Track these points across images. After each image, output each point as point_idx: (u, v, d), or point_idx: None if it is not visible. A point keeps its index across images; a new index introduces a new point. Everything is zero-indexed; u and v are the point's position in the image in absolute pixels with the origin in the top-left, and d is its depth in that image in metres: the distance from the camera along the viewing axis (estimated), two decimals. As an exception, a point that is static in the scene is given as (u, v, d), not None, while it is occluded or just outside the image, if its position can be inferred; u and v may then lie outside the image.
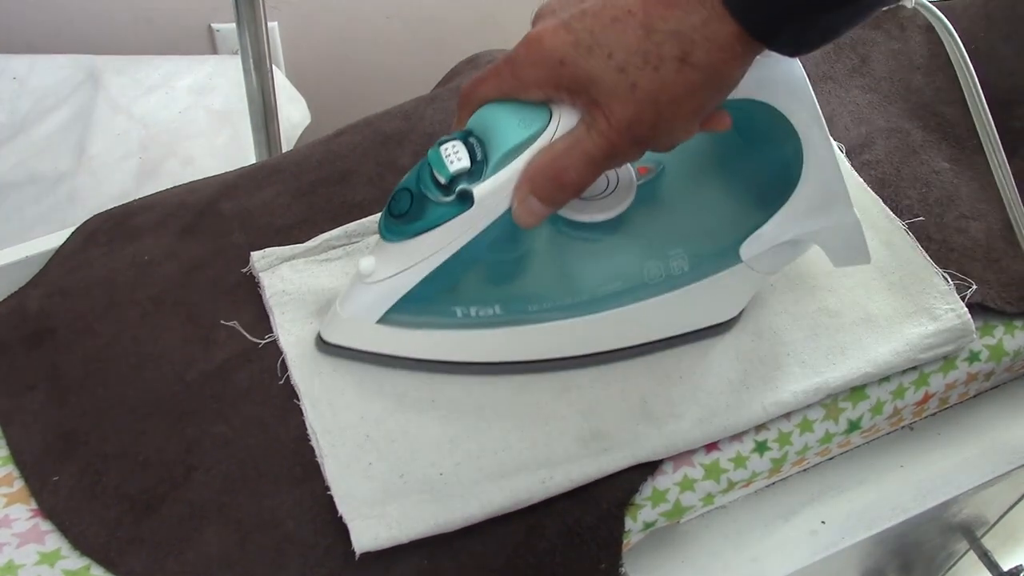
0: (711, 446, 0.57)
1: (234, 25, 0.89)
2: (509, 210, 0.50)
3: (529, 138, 0.48)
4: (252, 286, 0.62)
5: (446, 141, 0.50)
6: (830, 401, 0.59)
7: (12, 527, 0.53)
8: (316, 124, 1.28)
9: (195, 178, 0.71)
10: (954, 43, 0.58)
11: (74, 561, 0.51)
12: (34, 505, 0.53)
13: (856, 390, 0.60)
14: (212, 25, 1.42)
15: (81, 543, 0.52)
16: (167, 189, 0.69)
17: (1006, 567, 0.83)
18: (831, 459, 0.64)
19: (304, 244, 0.63)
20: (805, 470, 0.63)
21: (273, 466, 0.54)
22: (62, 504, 0.53)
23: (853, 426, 0.60)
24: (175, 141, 1.18)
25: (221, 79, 1.26)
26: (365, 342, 0.56)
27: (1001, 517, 0.82)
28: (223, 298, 0.62)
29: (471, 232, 0.51)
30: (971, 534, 0.82)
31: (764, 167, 0.57)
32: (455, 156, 0.49)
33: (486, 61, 0.79)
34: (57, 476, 0.54)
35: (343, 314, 0.55)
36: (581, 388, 0.57)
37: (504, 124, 0.49)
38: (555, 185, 0.48)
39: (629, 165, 0.57)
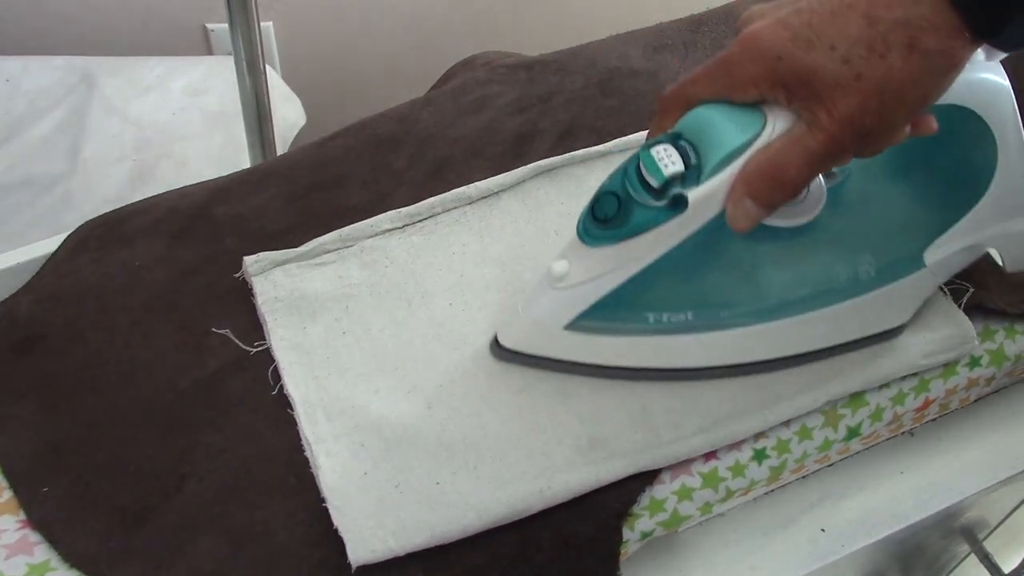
0: (709, 454, 0.57)
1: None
2: (717, 216, 0.49)
3: (746, 143, 0.47)
4: (245, 292, 0.61)
5: (656, 144, 0.49)
6: (829, 408, 0.59)
7: (0, 538, 0.52)
8: (312, 124, 1.27)
9: (190, 180, 0.70)
10: None
11: (64, 573, 0.51)
12: (23, 516, 0.53)
13: (855, 397, 0.59)
14: (207, 25, 1.41)
15: (71, 555, 0.51)
16: (159, 194, 0.69)
17: (1007, 569, 0.83)
18: (830, 466, 0.63)
19: (298, 249, 0.63)
20: (804, 477, 0.62)
21: (266, 476, 0.54)
22: (52, 515, 0.52)
23: (852, 433, 0.59)
24: (170, 143, 1.17)
25: (216, 80, 1.25)
26: (550, 348, 0.55)
27: (1003, 520, 0.82)
28: (216, 304, 0.61)
29: (679, 238, 0.50)
30: (973, 537, 0.82)
31: (953, 171, 0.57)
32: (668, 159, 0.48)
33: (482, 63, 0.79)
34: (47, 486, 0.53)
35: (528, 320, 0.53)
36: (581, 395, 0.57)
37: (720, 128, 0.48)
38: (773, 185, 0.47)
39: None
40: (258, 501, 0.53)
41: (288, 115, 1.25)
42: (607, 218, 0.50)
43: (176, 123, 1.20)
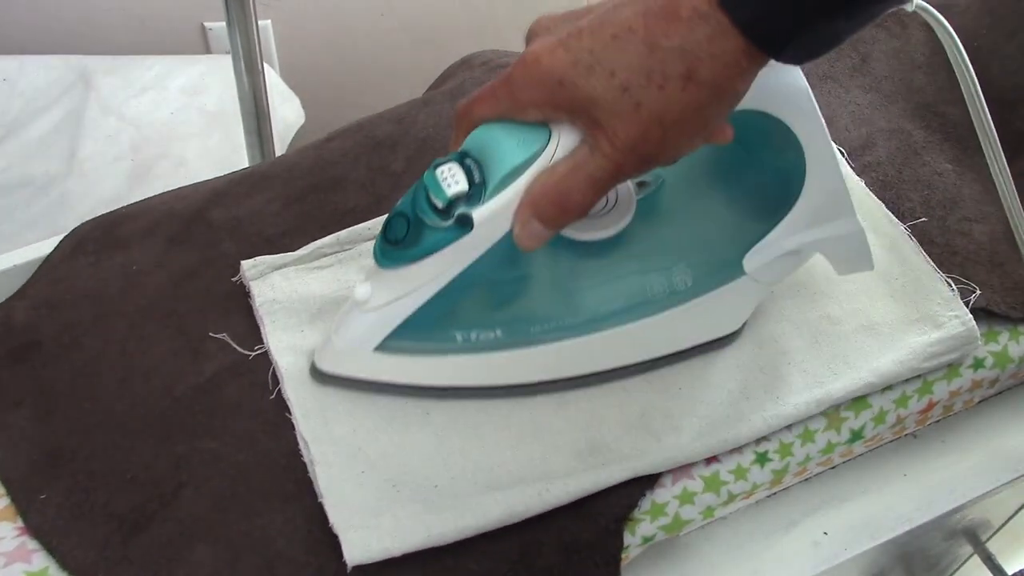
0: (711, 458, 0.56)
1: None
2: (509, 233, 0.49)
3: (528, 159, 0.47)
4: (242, 296, 0.61)
5: (442, 163, 0.49)
6: (832, 411, 0.58)
7: (-2, 546, 0.52)
8: (310, 123, 1.27)
9: (188, 180, 0.70)
10: (954, 45, 0.56)
11: (62, 581, 0.51)
12: (21, 523, 0.53)
13: (858, 399, 0.59)
14: (205, 24, 1.41)
15: (69, 563, 0.51)
16: (156, 195, 0.68)
17: (1011, 571, 0.82)
18: (833, 469, 0.63)
19: (295, 252, 0.62)
20: (807, 480, 0.62)
21: (264, 483, 0.53)
22: (49, 523, 0.52)
23: (855, 436, 0.59)
24: (167, 142, 1.17)
25: (214, 79, 1.24)
26: (363, 370, 0.55)
27: (1006, 521, 0.81)
28: (213, 309, 0.61)
29: (471, 256, 0.50)
30: (976, 539, 0.81)
31: (765, 177, 0.56)
32: (452, 179, 0.48)
33: (480, 62, 0.78)
34: (44, 494, 0.53)
35: (339, 343, 0.54)
36: (579, 401, 0.56)
37: (502, 145, 0.48)
38: (558, 208, 0.47)
39: (628, 181, 0.56)
40: (256, 508, 0.52)
41: (287, 114, 1.24)
42: (397, 240, 0.50)
43: (174, 122, 1.19)
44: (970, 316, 0.60)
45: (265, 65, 0.93)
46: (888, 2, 0.43)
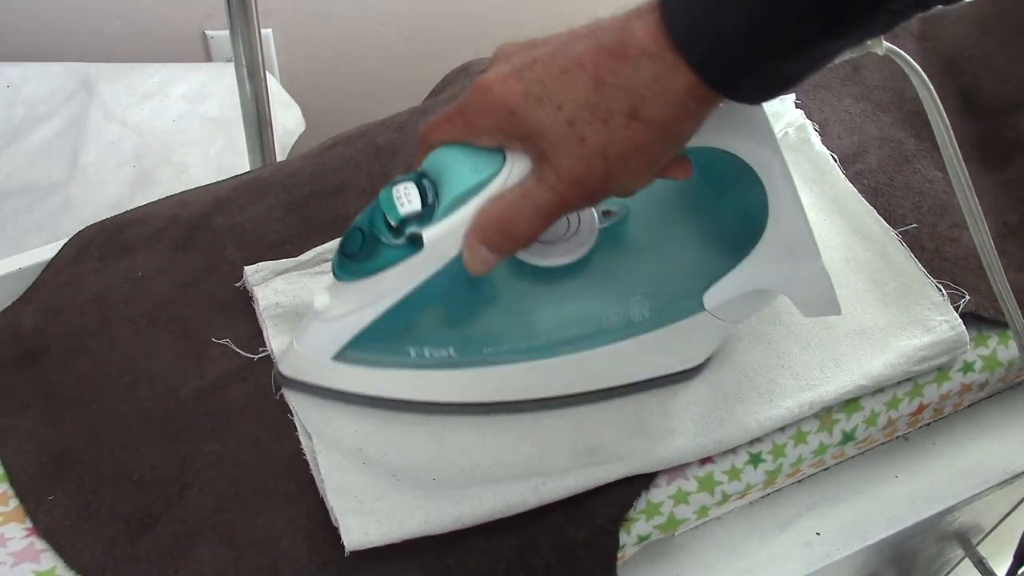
0: (705, 458, 0.57)
1: (228, 32, 0.88)
2: (459, 255, 0.49)
3: (480, 183, 0.48)
4: (245, 301, 0.62)
5: (399, 182, 0.50)
6: (824, 412, 0.59)
7: (7, 546, 0.53)
8: (311, 130, 1.28)
9: (189, 186, 0.71)
10: (925, 88, 0.54)
11: (70, 580, 0.52)
12: (29, 524, 0.54)
13: (850, 401, 0.60)
14: (206, 32, 1.42)
15: (77, 562, 0.52)
16: (160, 200, 0.69)
17: (1001, 574, 0.83)
18: (826, 470, 0.64)
19: (297, 258, 0.63)
20: (799, 481, 0.63)
21: (267, 483, 0.54)
22: (57, 523, 0.53)
23: (847, 437, 0.60)
24: (169, 149, 1.18)
25: (215, 86, 1.25)
26: (321, 378, 0.56)
27: (997, 525, 0.82)
28: (216, 314, 0.62)
29: (422, 275, 0.50)
30: (967, 542, 0.82)
31: (729, 214, 0.56)
32: (406, 198, 0.49)
33: (478, 70, 0.79)
34: (52, 495, 0.54)
35: (299, 349, 0.55)
36: (576, 406, 0.57)
37: (456, 168, 0.48)
38: (504, 236, 0.48)
39: (592, 208, 0.56)
40: (259, 508, 0.53)
41: (287, 122, 1.25)
42: (352, 253, 0.51)
43: (176, 129, 1.20)
44: (959, 321, 0.61)
45: (266, 73, 0.94)
46: (841, 42, 0.42)
